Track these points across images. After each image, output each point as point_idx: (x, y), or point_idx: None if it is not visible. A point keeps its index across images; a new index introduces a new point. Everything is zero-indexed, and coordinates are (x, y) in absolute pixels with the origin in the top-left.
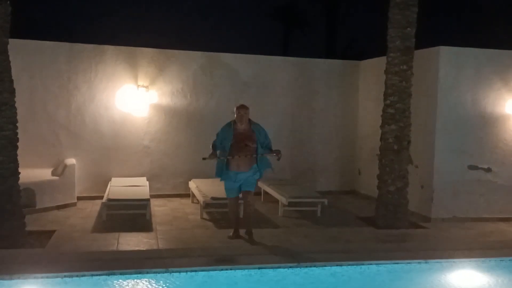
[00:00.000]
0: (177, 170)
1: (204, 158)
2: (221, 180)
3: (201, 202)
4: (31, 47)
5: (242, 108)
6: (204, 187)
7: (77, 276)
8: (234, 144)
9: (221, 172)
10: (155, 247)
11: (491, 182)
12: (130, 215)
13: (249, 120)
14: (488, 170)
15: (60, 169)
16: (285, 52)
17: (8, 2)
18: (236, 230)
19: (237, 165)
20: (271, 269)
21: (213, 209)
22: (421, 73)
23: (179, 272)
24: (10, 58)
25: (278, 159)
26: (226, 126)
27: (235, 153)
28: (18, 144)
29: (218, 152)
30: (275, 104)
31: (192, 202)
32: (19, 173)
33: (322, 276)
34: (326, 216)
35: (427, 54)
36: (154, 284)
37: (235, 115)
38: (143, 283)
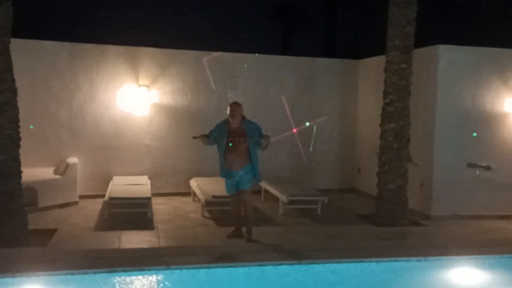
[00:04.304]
0: (178, 168)
1: (194, 137)
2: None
3: (202, 201)
4: (32, 47)
5: (233, 104)
6: (205, 186)
7: (79, 274)
8: (232, 141)
9: (223, 171)
10: (156, 245)
11: (490, 179)
12: (132, 213)
13: (243, 117)
14: (487, 168)
15: (62, 168)
16: (285, 52)
17: (10, 2)
18: (236, 228)
19: (229, 165)
20: (272, 267)
21: (214, 207)
22: (420, 71)
23: (180, 269)
24: (12, 58)
25: (265, 147)
26: (221, 124)
27: (229, 151)
28: (20, 143)
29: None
30: (275, 103)
31: (193, 200)
32: (21, 172)
33: (322, 274)
34: (326, 214)
35: (426, 52)
36: (155, 282)
37: (228, 112)
38: (145, 281)
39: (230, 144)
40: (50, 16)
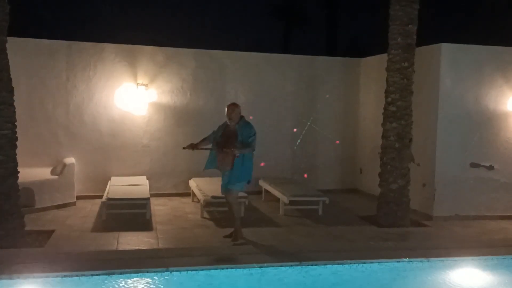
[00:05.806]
0: (177, 169)
1: (184, 148)
2: (203, 169)
3: (202, 201)
4: (29, 46)
5: (230, 106)
6: (205, 186)
7: (76, 276)
8: (220, 142)
9: (206, 163)
10: (155, 246)
11: (493, 180)
12: (130, 214)
13: (242, 117)
14: (490, 168)
15: (59, 169)
16: (286, 50)
17: (6, 0)
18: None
19: (221, 164)
20: (272, 268)
21: (214, 208)
22: (422, 70)
23: (180, 271)
24: (9, 57)
25: (226, 151)
26: (221, 125)
27: (218, 151)
28: (17, 143)
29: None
30: (276, 103)
31: (193, 201)
32: (18, 172)
33: (323, 275)
34: (327, 215)
35: (429, 51)
36: (154, 284)
37: (226, 114)
38: (143, 283)
39: (212, 144)
40: (48, 15)
